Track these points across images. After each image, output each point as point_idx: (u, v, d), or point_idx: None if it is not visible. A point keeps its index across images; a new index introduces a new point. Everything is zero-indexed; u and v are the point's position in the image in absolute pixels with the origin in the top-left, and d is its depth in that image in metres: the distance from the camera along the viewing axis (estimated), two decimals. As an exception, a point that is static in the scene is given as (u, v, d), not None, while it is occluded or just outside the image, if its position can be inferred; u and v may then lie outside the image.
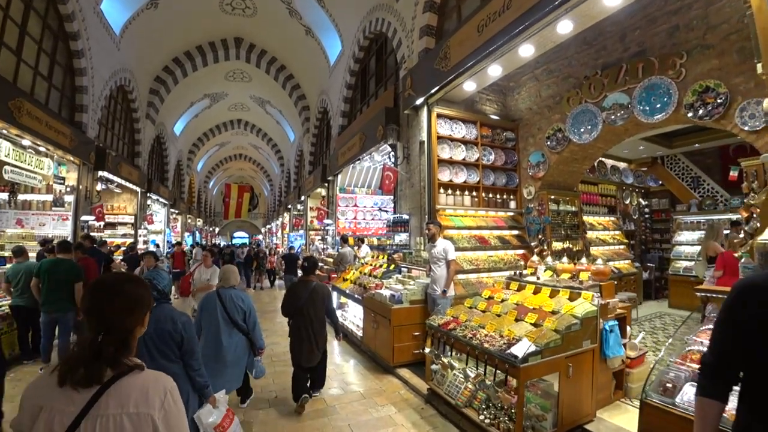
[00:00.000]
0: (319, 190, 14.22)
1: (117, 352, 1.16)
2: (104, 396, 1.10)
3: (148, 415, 1.11)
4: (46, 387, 1.13)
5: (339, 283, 7.76)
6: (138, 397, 1.13)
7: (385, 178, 6.65)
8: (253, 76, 18.73)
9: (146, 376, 1.19)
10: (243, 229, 44.07)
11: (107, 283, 1.28)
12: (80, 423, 1.07)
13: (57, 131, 8.17)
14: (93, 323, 1.19)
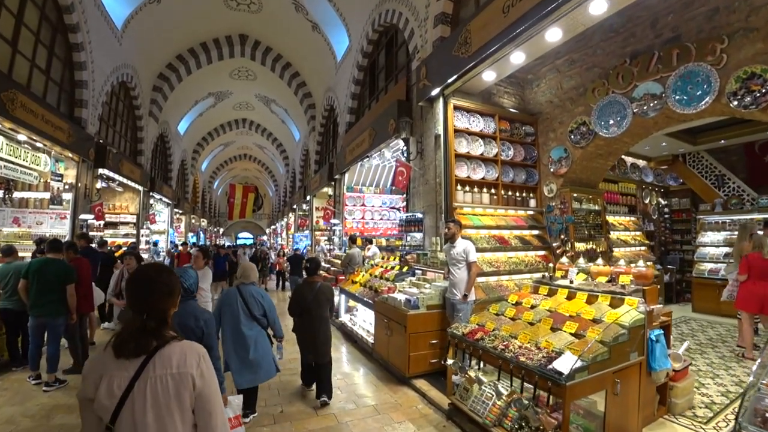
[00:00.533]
0: (325, 189, 13.85)
1: (158, 328, 1.44)
2: (151, 362, 1.37)
3: (188, 374, 1.39)
4: (103, 360, 1.39)
5: (347, 285, 7.36)
6: (178, 360, 1.40)
7: (398, 174, 6.25)
8: (258, 74, 18.43)
9: (183, 344, 1.46)
10: (248, 230, 43.84)
11: (148, 275, 1.53)
12: (134, 384, 1.34)
13: (54, 126, 7.84)
14: (137, 307, 1.46)
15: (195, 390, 1.40)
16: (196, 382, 1.40)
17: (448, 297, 4.89)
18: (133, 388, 1.34)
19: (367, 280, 6.65)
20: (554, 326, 3.43)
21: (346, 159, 10.48)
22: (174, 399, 1.37)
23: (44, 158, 8.00)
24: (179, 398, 1.37)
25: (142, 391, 1.34)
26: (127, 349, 1.38)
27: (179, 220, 22.81)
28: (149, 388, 1.35)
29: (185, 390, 1.38)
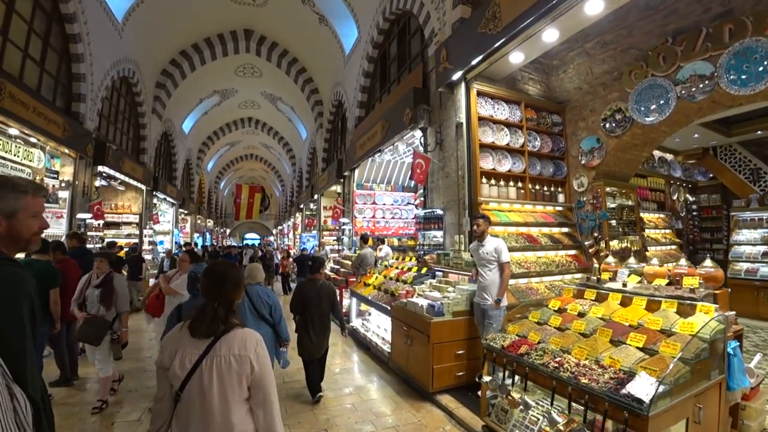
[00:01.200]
0: (333, 187, 13.35)
1: (226, 315, 1.69)
2: (218, 343, 1.63)
3: (247, 356, 1.63)
4: (180, 337, 1.68)
5: (359, 288, 6.84)
6: (240, 344, 1.64)
7: (416, 167, 5.71)
8: (263, 71, 17.99)
9: (244, 331, 1.71)
10: (254, 231, 43.56)
11: (221, 270, 1.80)
12: (202, 360, 1.60)
13: (47, 119, 7.40)
14: (211, 296, 1.72)
15: (252, 370, 1.62)
16: (253, 363, 1.62)
17: (477, 302, 4.35)
18: (202, 364, 1.58)
19: (382, 283, 6.13)
20: (614, 339, 2.88)
21: (356, 154, 9.96)
22: (234, 375, 1.59)
23: (38, 154, 7.57)
24: (238, 375, 1.60)
25: (208, 366, 1.58)
26: (199, 331, 1.63)
27: (184, 220, 22.44)
28: (215, 364, 1.58)
29: (244, 369, 1.60)
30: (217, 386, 1.57)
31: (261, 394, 1.63)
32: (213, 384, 1.57)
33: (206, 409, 1.56)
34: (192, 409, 1.58)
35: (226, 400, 1.58)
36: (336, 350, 6.49)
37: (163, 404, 1.65)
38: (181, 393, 1.58)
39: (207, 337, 1.63)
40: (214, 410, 1.56)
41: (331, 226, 15.04)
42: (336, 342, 6.94)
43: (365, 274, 7.32)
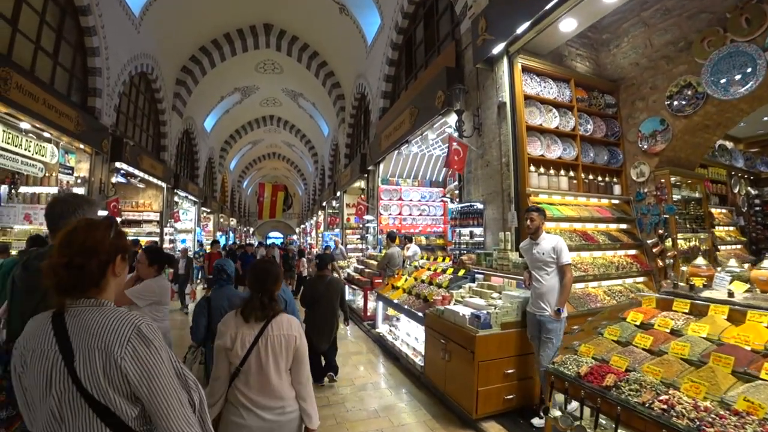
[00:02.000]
0: (357, 184, 12.76)
1: (270, 303, 2.08)
2: (269, 325, 2.03)
3: (292, 335, 2.05)
4: (236, 322, 2.04)
5: (386, 291, 6.21)
6: (286, 325, 2.06)
7: (452, 154, 5.01)
8: (284, 67, 17.61)
9: (288, 316, 2.12)
10: (278, 229, 43.59)
11: (266, 267, 2.20)
12: (258, 340, 1.99)
13: (59, 112, 7.06)
14: (257, 288, 2.09)
15: (295, 346, 2.05)
16: (297, 341, 2.06)
17: (532, 312, 3.64)
18: (258, 342, 1.99)
19: (413, 286, 5.47)
20: (737, 369, 2.13)
21: (381, 147, 9.32)
22: (284, 350, 2.02)
23: (51, 149, 7.26)
24: (287, 350, 2.03)
25: (264, 344, 2.00)
26: (254, 316, 2.04)
27: (207, 218, 22.35)
28: (268, 342, 2.00)
29: (290, 346, 2.04)
30: (272, 360, 1.98)
31: (300, 364, 2.06)
32: (269, 358, 1.97)
33: (263, 378, 1.97)
34: (251, 378, 1.96)
35: (279, 370, 1.99)
36: (360, 359, 5.89)
37: (220, 381, 1.99)
38: (241, 367, 1.96)
39: (259, 321, 2.02)
40: (270, 378, 1.97)
41: (355, 224, 14.46)
42: (360, 350, 6.34)
43: (392, 276, 6.69)
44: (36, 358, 1.10)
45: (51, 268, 1.12)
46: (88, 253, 1.14)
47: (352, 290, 9.12)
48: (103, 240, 1.19)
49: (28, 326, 1.18)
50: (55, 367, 1.08)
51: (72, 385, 1.07)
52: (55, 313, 1.15)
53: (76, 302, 1.16)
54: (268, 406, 1.98)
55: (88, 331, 1.11)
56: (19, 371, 1.14)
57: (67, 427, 1.07)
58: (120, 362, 1.08)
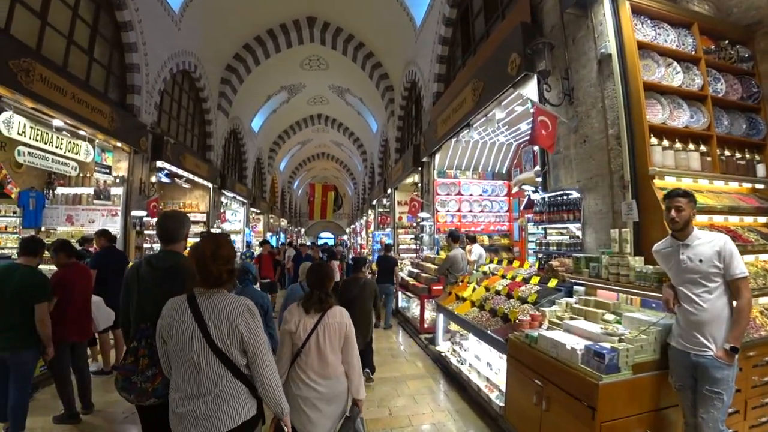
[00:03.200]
0: (409, 180, 11.69)
1: (326, 297, 2.52)
2: (325, 315, 2.46)
3: (344, 323, 2.50)
4: (299, 312, 2.48)
5: (449, 302, 5.10)
6: (339, 315, 2.51)
7: (539, 127, 3.78)
8: (330, 63, 16.95)
9: (340, 307, 2.57)
10: (328, 230, 43.65)
11: (321, 268, 2.67)
12: (317, 327, 2.42)
13: (90, 107, 6.62)
14: (316, 286, 2.54)
15: (346, 332, 2.49)
16: (347, 328, 2.50)
17: (682, 349, 2.40)
18: (317, 328, 2.41)
19: (484, 298, 4.32)
20: None
21: (437, 134, 8.16)
22: (337, 335, 2.45)
23: (85, 147, 6.86)
24: (339, 335, 2.46)
25: (321, 330, 2.42)
26: (313, 308, 2.46)
27: (257, 219, 22.28)
28: (325, 329, 2.42)
29: (342, 331, 2.47)
30: (328, 342, 2.42)
31: (349, 346, 2.51)
32: (326, 341, 2.42)
33: (321, 357, 2.40)
34: (310, 357, 2.39)
35: (334, 350, 2.45)
36: (419, 386, 4.82)
37: (284, 360, 2.40)
38: (302, 348, 2.39)
39: (317, 312, 2.47)
40: (326, 357, 2.41)
41: (407, 223, 13.40)
42: (418, 372, 5.27)
43: (455, 283, 5.55)
44: (178, 327, 1.79)
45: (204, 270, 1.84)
46: (227, 263, 1.89)
47: (406, 297, 8.07)
48: (232, 253, 1.96)
49: (166, 307, 1.87)
50: (195, 332, 1.77)
51: (206, 344, 1.77)
52: (188, 297, 1.85)
53: (208, 290, 1.87)
54: (322, 380, 2.38)
55: (217, 309, 1.82)
56: (165, 337, 1.83)
57: (203, 373, 1.77)
58: (238, 326, 1.81)
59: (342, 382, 2.46)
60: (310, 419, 2.34)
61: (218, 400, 1.75)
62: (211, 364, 1.77)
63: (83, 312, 3.82)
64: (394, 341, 7.01)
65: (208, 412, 1.74)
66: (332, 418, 2.42)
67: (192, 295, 1.84)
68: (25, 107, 5.65)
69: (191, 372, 1.77)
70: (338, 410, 2.46)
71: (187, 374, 1.78)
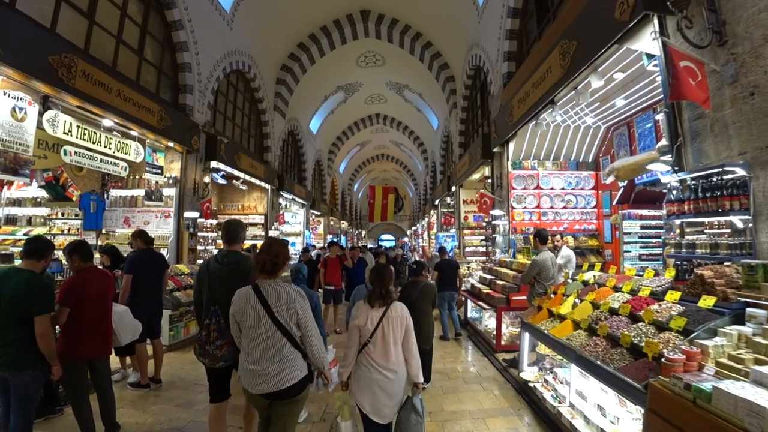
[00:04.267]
0: (476, 175, 10.54)
1: (387, 293, 2.81)
2: (388, 309, 2.74)
3: (404, 317, 2.78)
4: (366, 307, 2.77)
5: (540, 320, 3.99)
6: (400, 310, 2.79)
7: (683, 76, 2.59)
8: (386, 58, 16.27)
9: (400, 303, 2.86)
10: (389, 232, 43.23)
11: (384, 268, 3.00)
12: (382, 319, 2.70)
13: (137, 105, 6.37)
14: (378, 283, 2.81)
15: (406, 325, 2.76)
16: (407, 321, 2.78)
17: None
18: (382, 321, 2.70)
19: (594, 318, 3.18)
20: None
21: (513, 117, 6.99)
22: (399, 327, 2.73)
23: (135, 146, 6.64)
24: (401, 327, 2.74)
25: (386, 323, 2.70)
26: (378, 303, 2.75)
27: (317, 222, 22.14)
28: (389, 321, 2.71)
29: (403, 324, 2.75)
30: (391, 333, 2.70)
31: (409, 337, 2.77)
32: (390, 332, 2.70)
33: (386, 346, 2.69)
34: (376, 347, 2.70)
35: (396, 341, 2.72)
36: (501, 427, 3.77)
37: (353, 349, 2.74)
38: (370, 339, 2.69)
39: (381, 306, 2.75)
40: (390, 346, 2.69)
41: (474, 223, 12.23)
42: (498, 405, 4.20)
43: (545, 295, 4.41)
44: (248, 310, 2.35)
45: (262, 263, 2.43)
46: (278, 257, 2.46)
47: (477, 307, 6.98)
48: (283, 250, 2.55)
49: (236, 296, 2.44)
50: (262, 312, 2.33)
51: (271, 321, 2.32)
52: (254, 286, 2.41)
53: (266, 281, 2.43)
54: (386, 366, 2.69)
55: (275, 294, 2.37)
56: (237, 317, 2.40)
57: (270, 343, 2.32)
58: (294, 306, 2.37)
59: (403, 369, 2.76)
60: (377, 398, 2.68)
61: (282, 363, 2.31)
62: (275, 337, 2.34)
63: (102, 323, 3.29)
64: (464, 360, 5.97)
65: (276, 371, 2.30)
66: (395, 398, 2.73)
67: (256, 285, 2.41)
68: (70, 105, 5.44)
69: (260, 342, 2.35)
70: (400, 392, 2.76)
71: (257, 344, 2.35)
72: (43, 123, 5.04)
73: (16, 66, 4.47)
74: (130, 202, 7.81)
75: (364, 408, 2.68)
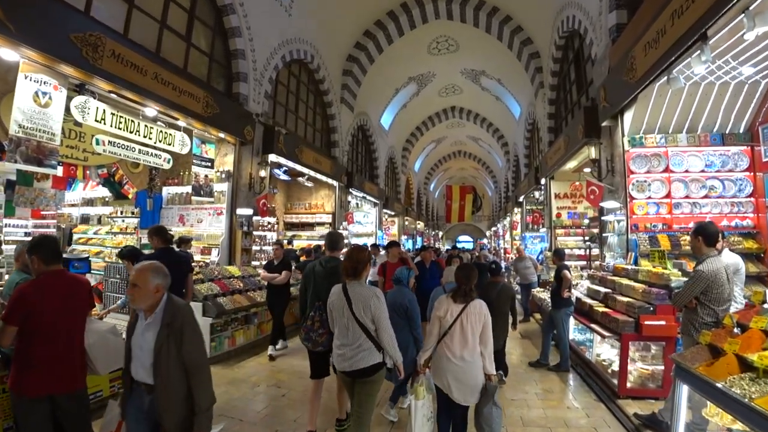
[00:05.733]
0: (571, 163, 8.69)
1: (469, 291, 3.01)
2: (468, 306, 2.96)
3: (483, 313, 2.97)
4: (448, 301, 3.03)
5: (721, 372, 2.38)
6: (478, 307, 2.98)
7: None
8: (459, 42, 14.81)
9: (480, 300, 3.04)
10: (467, 233, 41.27)
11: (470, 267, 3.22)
12: (462, 314, 2.94)
13: (177, 89, 5.80)
14: (463, 282, 3.05)
15: (484, 321, 2.95)
16: (485, 318, 2.96)
17: None
18: (462, 315, 2.93)
19: None
20: None
21: (636, 72, 5.10)
22: (477, 322, 2.93)
23: (180, 137, 6.08)
24: (479, 322, 2.94)
25: (465, 317, 2.93)
26: (460, 299, 2.98)
27: (391, 222, 21.17)
28: (468, 316, 2.93)
29: (481, 320, 2.95)
30: (469, 327, 2.92)
31: (486, 332, 2.95)
32: (468, 326, 2.92)
33: (463, 338, 2.92)
34: (454, 338, 2.93)
35: (474, 335, 2.92)
36: None
37: (433, 337, 3.01)
38: (448, 330, 2.94)
39: (462, 303, 2.97)
40: (468, 339, 2.91)
41: (568, 221, 10.28)
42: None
43: (715, 326, 2.78)
44: (337, 303, 2.91)
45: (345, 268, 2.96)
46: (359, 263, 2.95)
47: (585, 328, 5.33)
48: (363, 256, 3.01)
49: (332, 292, 3.01)
50: (345, 307, 2.84)
51: (352, 315, 2.81)
52: (342, 286, 2.94)
53: (351, 281, 2.93)
54: (462, 356, 2.91)
55: (357, 293, 2.85)
56: (331, 308, 2.99)
57: (350, 332, 2.83)
58: (370, 305, 2.79)
59: (477, 362, 2.94)
60: (452, 386, 2.93)
61: (358, 349, 2.84)
62: (354, 329, 2.87)
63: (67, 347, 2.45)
64: (571, 405, 4.35)
65: (352, 355, 2.85)
66: (470, 388, 2.93)
67: (344, 285, 2.97)
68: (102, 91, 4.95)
69: (344, 331, 2.92)
70: (475, 384, 2.94)
71: (341, 332, 2.94)
72: (72, 110, 4.56)
73: (31, 44, 3.98)
74: (185, 200, 7.41)
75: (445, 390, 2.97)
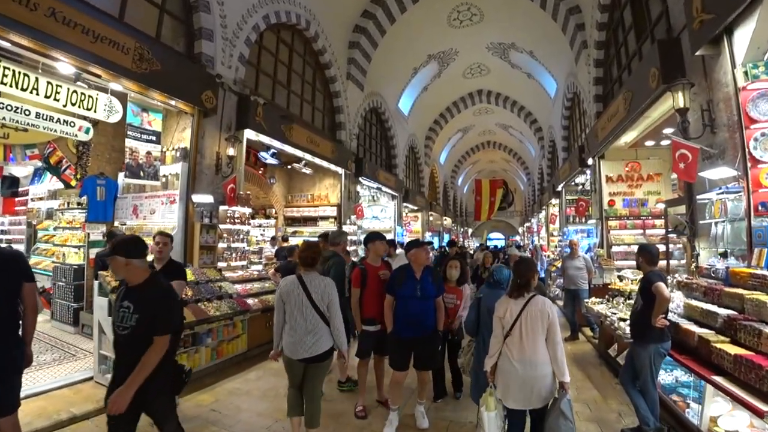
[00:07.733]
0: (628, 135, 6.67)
1: (526, 286, 2.86)
2: (529, 303, 2.79)
3: (546, 311, 2.77)
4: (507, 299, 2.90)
5: None
6: (541, 304, 2.79)
7: None
8: (484, 10, 12.91)
9: (543, 297, 2.88)
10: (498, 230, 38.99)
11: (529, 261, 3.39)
12: (522, 312, 2.76)
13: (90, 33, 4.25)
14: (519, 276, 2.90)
15: (549, 320, 2.75)
16: (550, 316, 2.76)
17: None
18: (522, 314, 2.77)
19: None
20: None
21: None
22: (540, 321, 2.74)
23: (106, 99, 4.61)
24: (542, 321, 2.74)
25: (525, 316, 2.76)
26: (518, 295, 2.84)
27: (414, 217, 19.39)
28: (529, 314, 2.76)
29: (544, 319, 2.75)
30: (530, 327, 2.74)
31: (552, 335, 2.74)
32: (528, 325, 2.74)
33: (525, 338, 2.73)
34: (514, 339, 2.77)
35: (536, 334, 2.74)
36: None
37: (497, 339, 2.87)
38: (510, 331, 2.78)
39: (519, 298, 2.83)
40: (529, 339, 2.73)
41: (623, 210, 8.22)
42: None
43: None
44: (293, 293, 3.07)
45: (304, 258, 3.17)
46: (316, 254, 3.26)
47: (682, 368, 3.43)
48: (317, 250, 3.30)
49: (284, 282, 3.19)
50: (303, 296, 3.03)
51: (309, 303, 3.02)
52: (298, 275, 3.14)
53: (307, 272, 3.15)
54: (523, 360, 2.72)
55: (314, 282, 3.10)
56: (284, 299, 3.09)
57: (308, 319, 3.02)
58: (328, 292, 3.11)
59: (543, 366, 2.72)
60: (513, 390, 2.76)
61: (317, 336, 3.03)
62: (313, 316, 3.05)
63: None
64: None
65: (312, 341, 3.01)
66: (534, 394, 2.71)
67: (299, 275, 3.13)
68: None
69: (301, 320, 3.04)
70: (542, 390, 2.72)
71: (299, 321, 3.05)
72: None
73: None
74: (139, 187, 5.99)
75: (499, 395, 2.81)
